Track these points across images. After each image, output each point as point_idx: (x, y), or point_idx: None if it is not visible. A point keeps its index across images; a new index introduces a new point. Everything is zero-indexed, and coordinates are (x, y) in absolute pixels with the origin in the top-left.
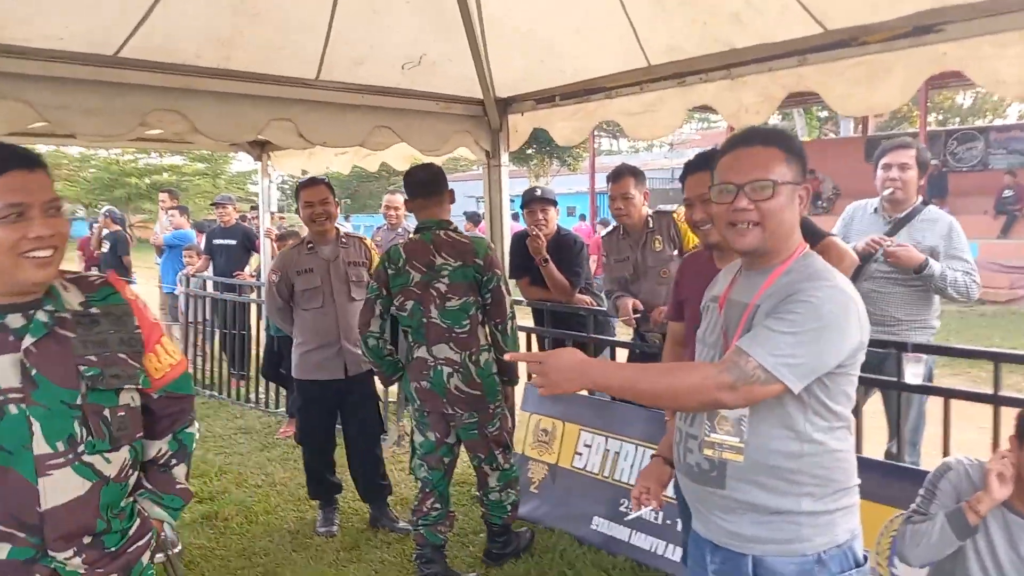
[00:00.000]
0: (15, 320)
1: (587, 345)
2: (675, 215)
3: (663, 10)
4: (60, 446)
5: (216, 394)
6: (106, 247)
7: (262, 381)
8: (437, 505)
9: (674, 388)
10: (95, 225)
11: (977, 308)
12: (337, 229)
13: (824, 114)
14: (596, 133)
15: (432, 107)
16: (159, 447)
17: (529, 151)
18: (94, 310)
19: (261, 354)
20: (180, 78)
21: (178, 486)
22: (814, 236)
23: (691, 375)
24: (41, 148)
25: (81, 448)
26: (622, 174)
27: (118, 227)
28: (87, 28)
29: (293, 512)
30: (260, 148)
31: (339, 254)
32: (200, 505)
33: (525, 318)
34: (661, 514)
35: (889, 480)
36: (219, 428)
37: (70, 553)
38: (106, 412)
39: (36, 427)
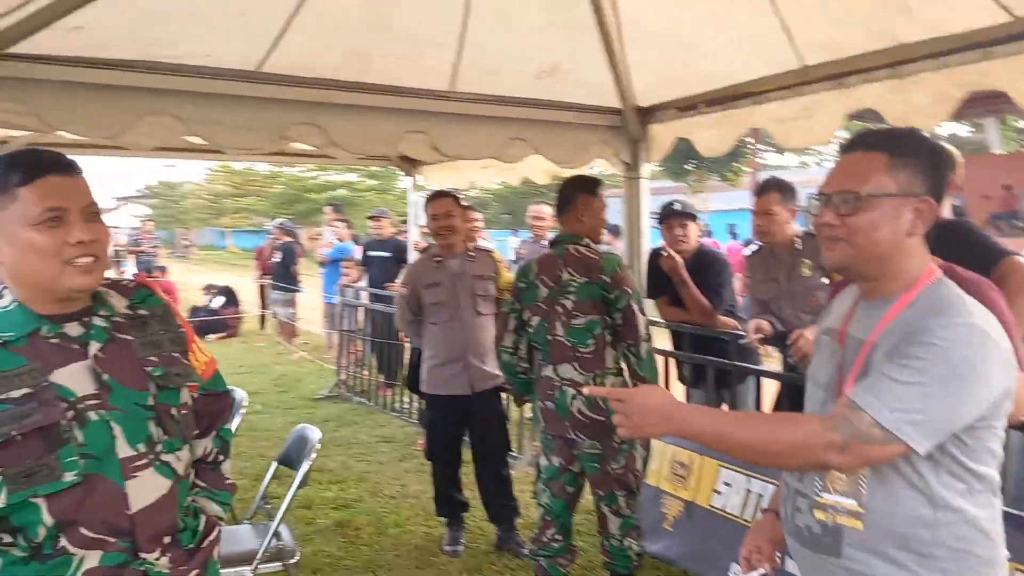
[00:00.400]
0: (73, 329)
1: (730, 373)
2: None
3: (818, 3)
4: (141, 447)
5: (365, 401)
6: (277, 257)
7: (408, 391)
8: (558, 536)
9: (772, 444)
10: (269, 236)
11: None
12: (465, 242)
13: None
14: (760, 146)
15: (568, 117)
16: (205, 445)
17: (687, 165)
18: (142, 312)
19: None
20: (318, 92)
21: (227, 481)
22: (992, 254)
23: (793, 430)
24: (236, 166)
25: (159, 448)
26: (767, 188)
27: (289, 238)
28: (231, 45)
29: (422, 527)
30: (410, 163)
31: (466, 267)
32: (335, 512)
33: (663, 340)
34: None
35: None
36: (363, 435)
37: (158, 553)
38: (173, 411)
39: (117, 431)
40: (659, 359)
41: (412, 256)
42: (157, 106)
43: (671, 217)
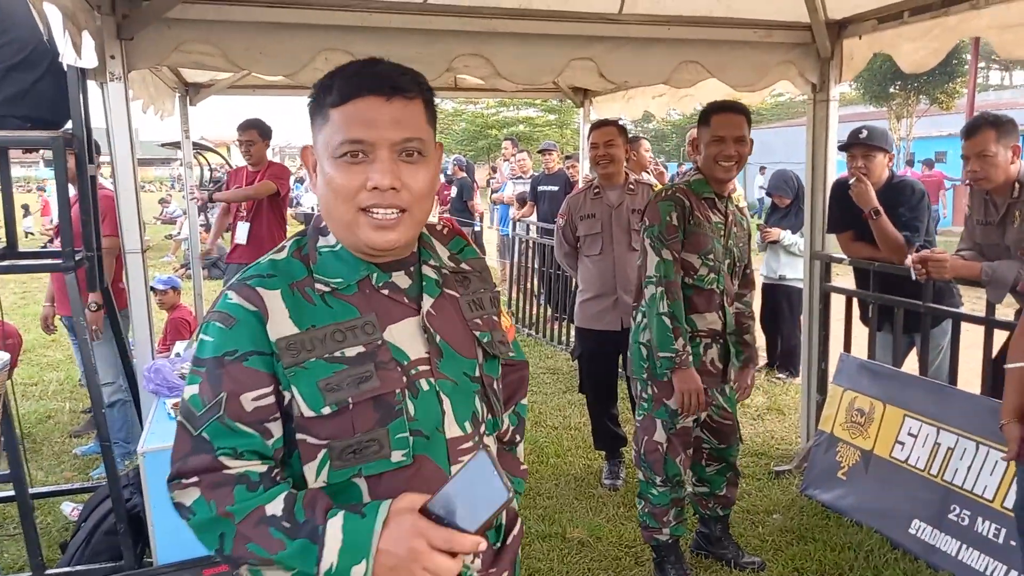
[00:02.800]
0: (402, 279)
1: (922, 314)
2: None
3: None
4: (467, 427)
5: (533, 333)
6: (454, 192)
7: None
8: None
9: None
10: (447, 172)
11: None
12: (626, 174)
13: None
14: (983, 66)
15: (749, 36)
16: (503, 422)
17: (892, 89)
18: (464, 266)
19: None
20: (483, 21)
21: (522, 467)
22: None
23: None
24: None
25: (483, 428)
26: (979, 126)
27: (464, 174)
28: None
29: (582, 459)
30: (582, 94)
31: (624, 200)
32: None
33: (846, 278)
34: (1003, 531)
35: None
36: (530, 366)
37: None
38: (496, 384)
39: (447, 405)
40: (840, 298)
41: (580, 187)
42: (331, 42)
43: (854, 146)
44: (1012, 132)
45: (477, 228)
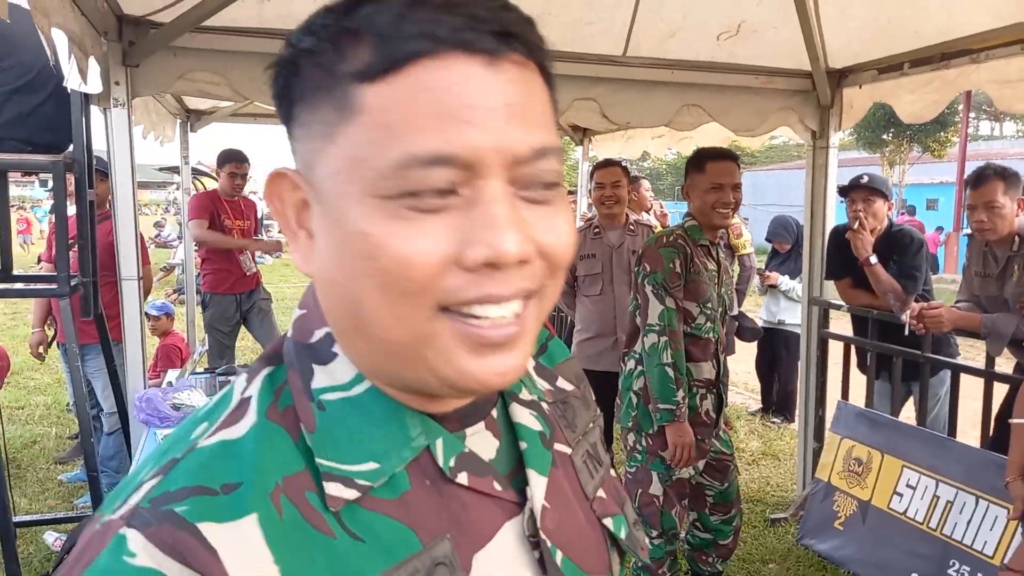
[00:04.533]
0: (482, 443)
1: (921, 365)
2: None
3: None
4: None
5: None
6: None
7: None
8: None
9: None
10: None
11: None
12: (627, 215)
13: None
14: (974, 116)
15: (750, 82)
16: None
17: (885, 136)
18: (562, 384)
19: None
20: None
21: None
22: None
23: None
24: None
25: None
26: (986, 177)
27: None
28: None
29: None
30: (581, 132)
31: (625, 241)
32: None
33: (844, 324)
34: None
35: None
36: None
37: None
38: None
39: None
40: (838, 344)
41: (578, 226)
42: None
43: (855, 190)
44: (1017, 184)
45: None
